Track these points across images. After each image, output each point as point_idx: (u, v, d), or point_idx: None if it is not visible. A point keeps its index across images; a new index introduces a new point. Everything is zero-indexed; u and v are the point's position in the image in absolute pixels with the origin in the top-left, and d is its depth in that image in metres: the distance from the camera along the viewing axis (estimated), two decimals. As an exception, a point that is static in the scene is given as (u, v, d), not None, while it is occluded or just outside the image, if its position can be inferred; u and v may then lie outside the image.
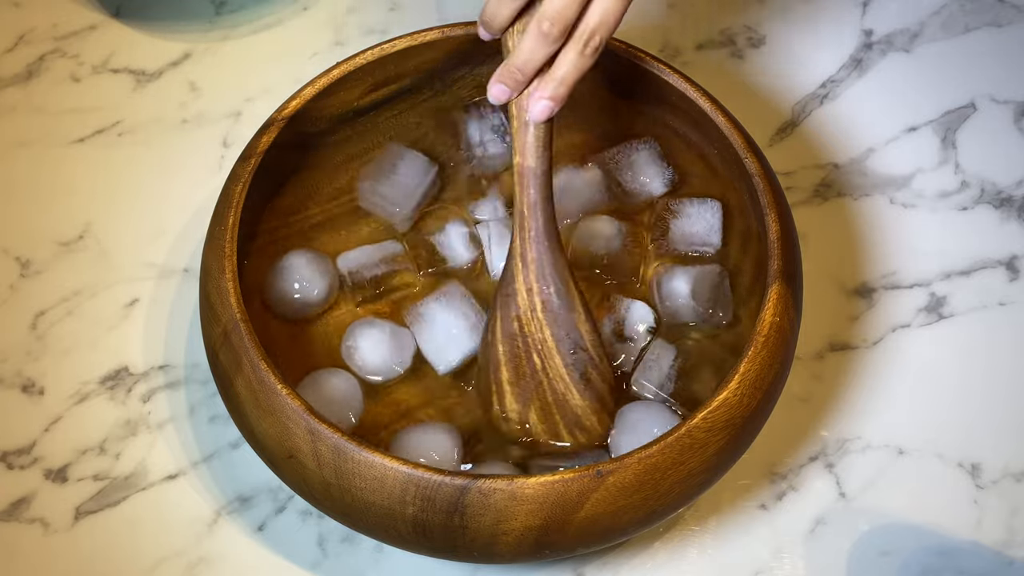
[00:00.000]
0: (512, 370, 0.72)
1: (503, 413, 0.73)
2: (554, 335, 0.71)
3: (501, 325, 0.71)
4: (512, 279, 0.71)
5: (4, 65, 0.95)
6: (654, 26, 0.98)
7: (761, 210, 0.73)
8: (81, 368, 0.82)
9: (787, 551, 0.77)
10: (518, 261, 0.70)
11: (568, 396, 0.72)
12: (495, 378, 0.73)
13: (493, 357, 0.72)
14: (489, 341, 0.72)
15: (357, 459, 0.65)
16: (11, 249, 0.87)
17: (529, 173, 0.69)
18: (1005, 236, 0.88)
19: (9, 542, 0.77)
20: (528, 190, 0.69)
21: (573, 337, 0.71)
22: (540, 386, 0.72)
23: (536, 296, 0.70)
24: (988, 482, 0.79)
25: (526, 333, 0.71)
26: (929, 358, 0.83)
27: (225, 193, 0.74)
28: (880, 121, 0.93)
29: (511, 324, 0.71)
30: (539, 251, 0.70)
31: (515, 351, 0.72)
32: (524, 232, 0.70)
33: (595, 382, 0.72)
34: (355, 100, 0.81)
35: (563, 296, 0.71)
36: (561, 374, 0.71)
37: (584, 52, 0.67)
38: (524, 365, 0.72)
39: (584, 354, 0.72)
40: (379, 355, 0.75)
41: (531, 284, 0.70)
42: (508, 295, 0.71)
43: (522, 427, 0.73)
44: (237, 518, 0.78)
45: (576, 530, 0.65)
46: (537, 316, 0.70)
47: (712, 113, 0.77)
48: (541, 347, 0.71)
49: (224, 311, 0.70)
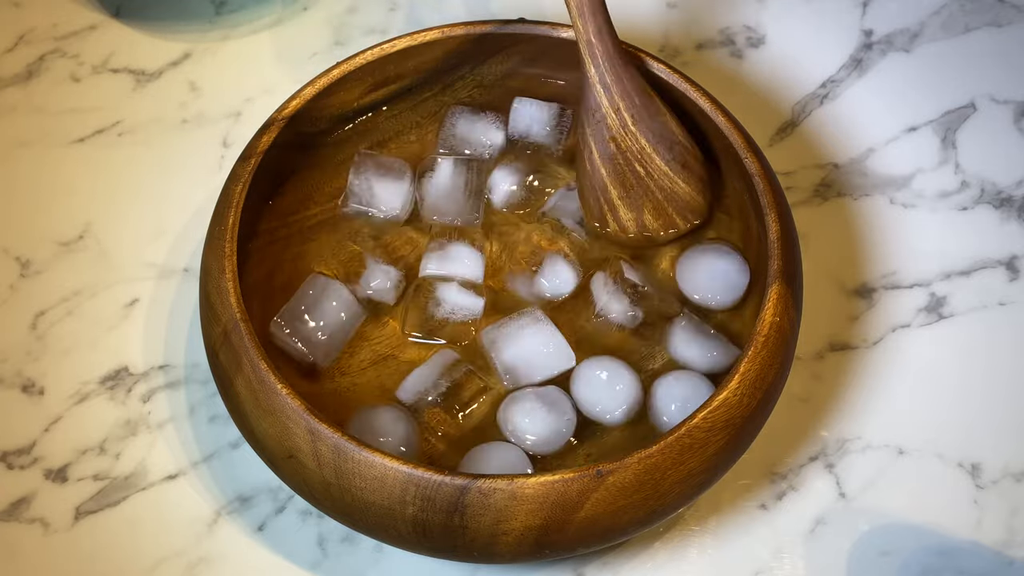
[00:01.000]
0: (619, 186, 0.76)
1: (621, 227, 0.78)
2: (649, 141, 0.75)
3: (598, 150, 0.75)
4: (597, 106, 0.74)
5: (4, 65, 0.95)
6: (654, 26, 0.98)
7: (761, 210, 0.73)
8: (81, 368, 0.82)
9: (787, 551, 0.77)
10: (598, 87, 0.74)
11: (675, 188, 0.77)
12: (605, 199, 0.77)
13: (599, 182, 0.76)
14: (590, 171, 0.76)
15: (357, 459, 0.65)
16: (11, 249, 0.87)
17: (589, 3, 0.72)
18: (1005, 236, 0.88)
19: (9, 542, 0.77)
20: (591, 18, 0.73)
21: (667, 136, 0.76)
22: (648, 190, 0.76)
23: (624, 112, 0.74)
24: (988, 482, 0.79)
25: (624, 149, 0.75)
26: (929, 358, 0.83)
27: (225, 193, 0.75)
28: (880, 121, 0.93)
29: (607, 146, 0.75)
30: (615, 71, 0.74)
31: (618, 168, 0.76)
32: (596, 59, 0.73)
33: (693, 167, 0.77)
34: (355, 100, 0.81)
35: (646, 104, 0.75)
36: (665, 171, 0.76)
37: None
38: (629, 177, 0.76)
39: (679, 147, 0.76)
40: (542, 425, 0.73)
41: (616, 104, 0.74)
42: (598, 121, 0.75)
43: (639, 232, 0.78)
44: (237, 518, 0.78)
45: (576, 530, 0.65)
46: (630, 130, 0.75)
47: (712, 113, 0.77)
48: (641, 156, 0.75)
49: (224, 311, 0.70)
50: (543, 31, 0.80)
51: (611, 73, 0.74)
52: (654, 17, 0.98)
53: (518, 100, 0.83)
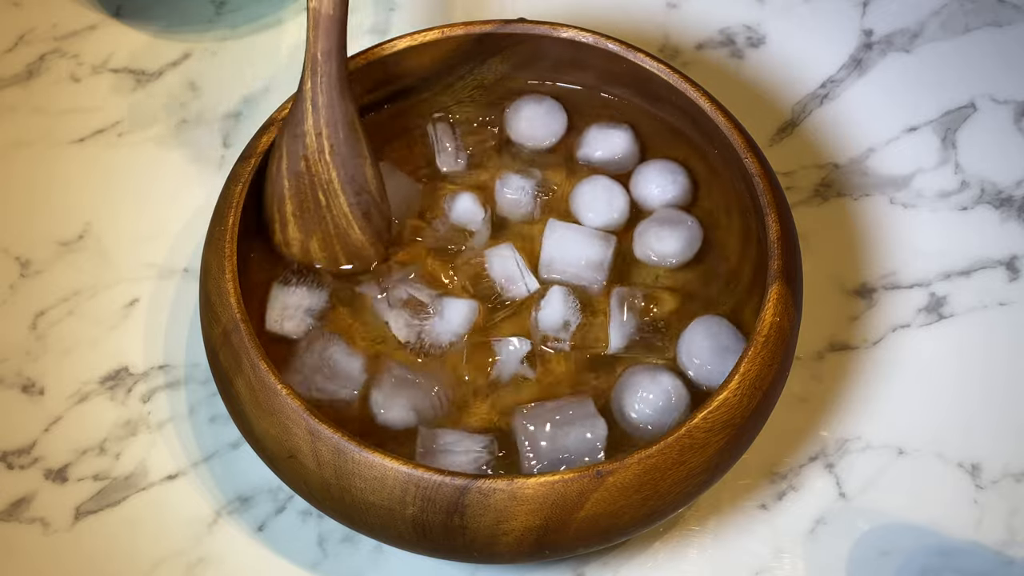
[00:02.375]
0: (297, 204, 0.75)
1: (285, 241, 0.77)
2: (339, 177, 0.74)
3: (288, 162, 0.74)
4: (302, 120, 0.73)
5: (4, 65, 0.95)
6: (654, 26, 0.98)
7: (761, 210, 0.73)
8: (81, 368, 0.82)
9: (787, 551, 0.77)
10: (308, 104, 0.73)
11: (350, 231, 0.76)
12: (279, 209, 0.76)
13: (278, 191, 0.75)
14: (274, 176, 0.75)
15: (357, 459, 0.65)
16: (11, 249, 0.87)
17: (326, 20, 0.71)
18: (1005, 236, 0.88)
19: (9, 542, 0.77)
20: (323, 36, 0.71)
21: (359, 180, 0.75)
22: (324, 221, 0.76)
23: (325, 139, 0.73)
24: (988, 482, 0.79)
25: (313, 172, 0.74)
26: (929, 358, 0.83)
27: (225, 193, 0.74)
28: (880, 121, 0.93)
29: (298, 162, 0.74)
30: (330, 97, 0.73)
31: (301, 187, 0.75)
32: (316, 77, 0.72)
33: (375, 220, 0.77)
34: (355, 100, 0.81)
35: (351, 142, 0.74)
36: (344, 212, 0.75)
37: None
38: (309, 200, 0.75)
39: (367, 196, 0.76)
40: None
41: (320, 128, 0.73)
42: (297, 135, 0.73)
43: (303, 253, 0.77)
44: (237, 518, 0.78)
45: (576, 530, 0.65)
46: (325, 158, 0.74)
47: (712, 113, 0.77)
48: (327, 186, 0.75)
49: (224, 311, 0.70)
50: (543, 31, 0.80)
51: (325, 96, 0.73)
52: (654, 17, 0.98)
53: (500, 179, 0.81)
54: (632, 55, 0.79)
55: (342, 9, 0.71)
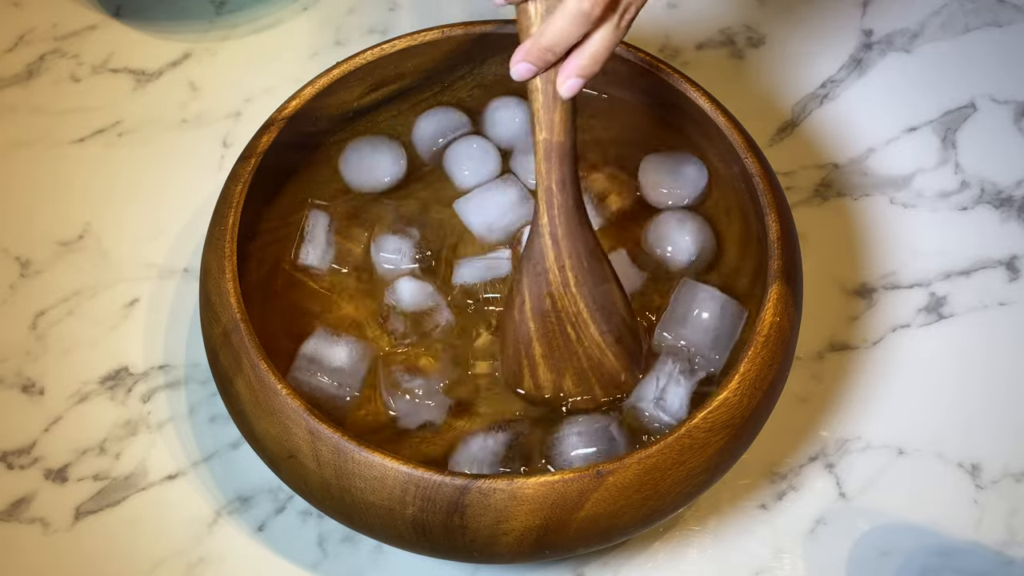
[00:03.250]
0: (545, 344, 0.72)
1: (536, 385, 0.73)
2: (587, 307, 0.70)
3: (531, 303, 0.71)
4: (542, 257, 0.70)
5: (4, 65, 0.95)
6: (654, 26, 0.98)
7: (761, 210, 0.73)
8: (81, 368, 0.82)
9: (787, 551, 0.77)
10: (548, 240, 0.69)
11: (604, 360, 0.72)
12: (527, 354, 0.72)
13: (524, 335, 0.72)
14: (518, 320, 0.72)
15: (357, 459, 0.65)
16: (11, 249, 0.87)
17: (559, 149, 0.67)
18: (1005, 236, 0.88)
19: (9, 542, 0.77)
20: (556, 167, 0.67)
21: (607, 305, 0.71)
22: (575, 355, 0.72)
23: (569, 272, 0.70)
24: (988, 482, 0.79)
25: (559, 308, 0.70)
26: (929, 358, 0.83)
27: (225, 193, 0.74)
28: (880, 121, 0.93)
29: (543, 301, 0.70)
30: (569, 228, 0.69)
31: (548, 326, 0.71)
32: (552, 210, 0.68)
33: (627, 342, 0.73)
34: (355, 100, 0.81)
35: (594, 269, 0.70)
36: (597, 341, 0.71)
37: (619, 26, 0.64)
38: (557, 338, 0.71)
39: (617, 319, 0.72)
40: None
41: (563, 261, 0.69)
42: (539, 273, 0.70)
43: (556, 395, 0.73)
44: (237, 518, 0.78)
45: (576, 530, 0.65)
46: (571, 291, 0.70)
47: (712, 113, 0.77)
48: (575, 320, 0.71)
49: (224, 311, 0.70)
50: (543, 31, 0.80)
51: (564, 227, 0.69)
52: (654, 17, 0.98)
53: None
54: (632, 55, 0.79)
55: (572, 137, 0.67)
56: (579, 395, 0.73)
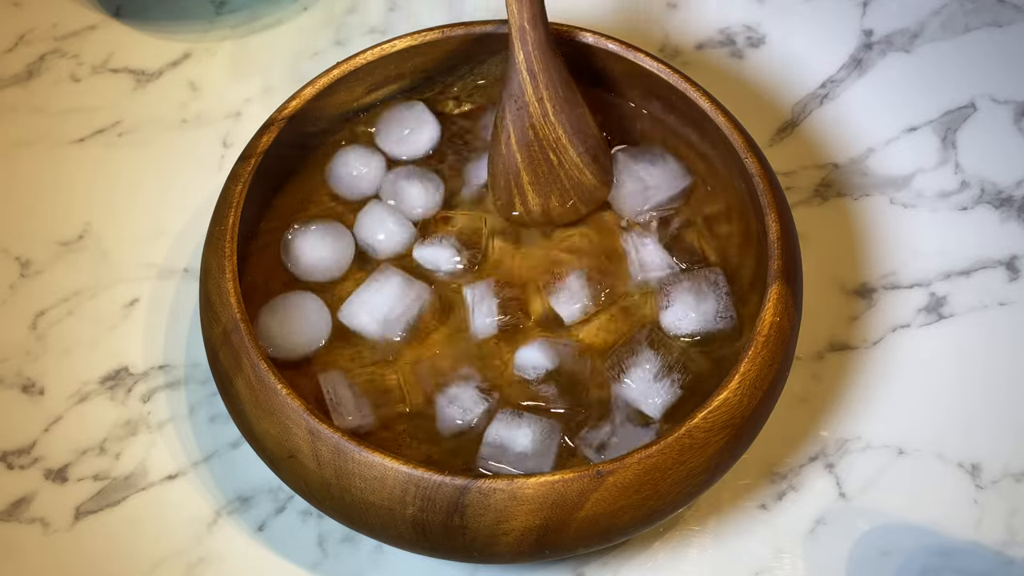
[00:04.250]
0: (531, 172, 0.78)
1: (527, 210, 0.79)
2: (566, 132, 0.77)
3: (516, 136, 0.76)
4: (521, 92, 0.75)
5: (4, 65, 0.95)
6: (654, 26, 0.98)
7: (761, 210, 0.73)
8: (81, 368, 0.82)
9: (787, 551, 0.77)
10: (525, 74, 0.74)
11: (583, 178, 0.79)
12: (516, 183, 0.78)
13: (512, 166, 0.78)
14: (504, 153, 0.77)
15: (357, 459, 0.65)
16: (11, 249, 0.87)
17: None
18: (1005, 236, 0.88)
19: (9, 542, 0.77)
20: (528, 4, 0.73)
21: (583, 128, 0.78)
22: (558, 178, 0.78)
23: (547, 102, 0.75)
24: (988, 482, 0.79)
25: (541, 137, 0.76)
26: (929, 358, 0.83)
27: (225, 193, 0.75)
28: (880, 121, 0.93)
29: (526, 133, 0.76)
30: (545, 60, 0.74)
31: (532, 155, 0.77)
32: (527, 46, 0.74)
33: (602, 160, 0.79)
34: (355, 100, 0.81)
35: (570, 97, 0.76)
36: (576, 163, 0.78)
37: None
38: (542, 165, 0.77)
39: (592, 139, 0.78)
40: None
41: (540, 93, 0.75)
42: (520, 107, 0.75)
43: (545, 216, 0.80)
44: (237, 518, 0.78)
45: (576, 530, 0.65)
46: (550, 120, 0.76)
47: (712, 113, 0.77)
48: (556, 145, 0.77)
49: (224, 311, 0.70)
50: (543, 31, 0.80)
51: (539, 62, 0.74)
52: (654, 17, 0.98)
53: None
54: (632, 55, 0.79)
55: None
56: (564, 214, 0.80)
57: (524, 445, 0.71)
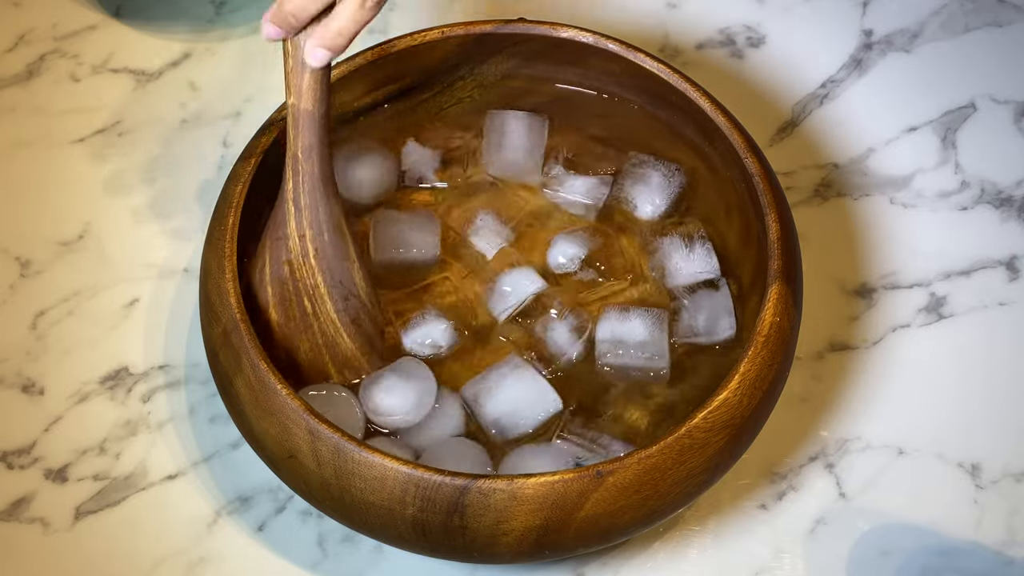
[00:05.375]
0: (281, 312, 0.72)
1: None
2: (326, 281, 0.71)
3: (270, 268, 0.71)
4: (284, 223, 0.70)
5: (4, 65, 0.95)
6: (654, 26, 0.98)
7: (761, 210, 0.73)
8: (81, 368, 0.82)
9: (787, 551, 0.77)
10: (291, 206, 0.70)
11: (338, 339, 0.73)
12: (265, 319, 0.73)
13: (261, 300, 0.72)
14: (256, 284, 0.72)
15: (357, 459, 0.65)
16: (11, 249, 0.87)
17: (306, 116, 0.67)
18: (1005, 236, 0.88)
19: (9, 542, 0.77)
20: (303, 133, 0.68)
21: (346, 284, 0.72)
22: (310, 328, 0.72)
23: (308, 242, 0.70)
24: (988, 482, 0.79)
25: (297, 278, 0.71)
26: (929, 358, 0.83)
27: (225, 193, 0.74)
28: (880, 121, 0.93)
29: (281, 268, 0.71)
30: (313, 197, 0.70)
31: (285, 294, 0.72)
32: (298, 177, 0.69)
33: (366, 326, 0.73)
34: (355, 100, 0.81)
35: (336, 244, 0.71)
36: (332, 318, 0.72)
37: (364, 5, 0.64)
38: (294, 308, 0.72)
39: (356, 300, 0.73)
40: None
41: (303, 230, 0.70)
42: (279, 239, 0.71)
43: (290, 365, 0.73)
44: (237, 518, 0.78)
45: (576, 530, 0.65)
46: (309, 262, 0.71)
47: (712, 113, 0.77)
48: (312, 292, 0.71)
49: (224, 311, 0.70)
50: (543, 31, 0.80)
51: (308, 196, 0.70)
52: (654, 17, 0.98)
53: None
54: (632, 55, 0.79)
55: (323, 105, 0.67)
56: (311, 371, 0.73)
57: (640, 334, 0.73)
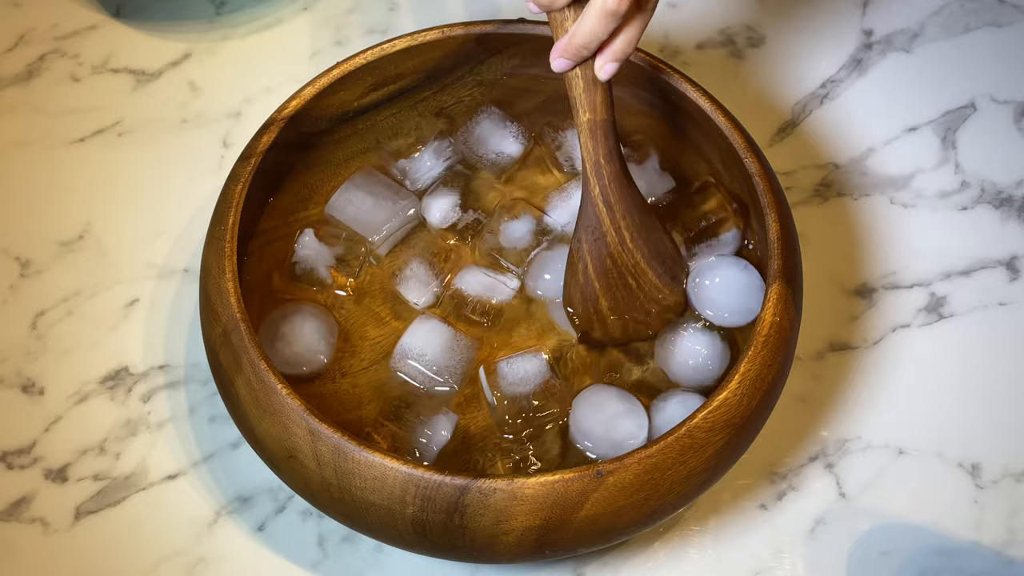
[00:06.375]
0: (610, 298, 0.77)
1: (606, 333, 0.79)
2: (644, 257, 0.77)
3: (593, 266, 0.76)
4: (598, 224, 0.75)
5: (4, 65, 0.95)
6: (654, 26, 0.98)
7: (761, 210, 0.73)
8: (81, 368, 0.82)
9: (787, 551, 0.77)
10: (602, 207, 0.74)
11: (660, 296, 0.78)
12: (595, 309, 0.78)
13: (591, 294, 0.78)
14: (582, 282, 0.78)
15: (357, 459, 0.65)
16: (11, 249, 0.87)
17: (603, 126, 0.72)
18: (1005, 236, 0.88)
19: (9, 542, 0.77)
20: (603, 141, 0.73)
21: (661, 250, 0.77)
22: (637, 300, 0.78)
23: (624, 231, 0.75)
24: (988, 482, 0.79)
25: (619, 264, 0.76)
26: (929, 358, 0.83)
27: (225, 193, 0.75)
28: (880, 121, 0.93)
29: (604, 262, 0.76)
30: (621, 191, 0.74)
31: (611, 283, 0.77)
32: (603, 180, 0.74)
33: (679, 276, 0.79)
34: (355, 100, 0.81)
35: (647, 223, 0.76)
36: (656, 284, 0.78)
37: (646, 9, 0.69)
38: (620, 290, 0.77)
39: (670, 261, 0.78)
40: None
41: (618, 223, 0.75)
42: (597, 239, 0.75)
43: (624, 335, 0.79)
44: (237, 518, 0.78)
45: (576, 530, 0.65)
46: (628, 247, 0.76)
47: (712, 113, 0.77)
48: (635, 270, 0.77)
49: (224, 311, 0.70)
50: (543, 31, 0.80)
51: (615, 193, 0.74)
52: (654, 17, 0.98)
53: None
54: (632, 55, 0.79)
55: (612, 112, 0.72)
56: (644, 330, 0.79)
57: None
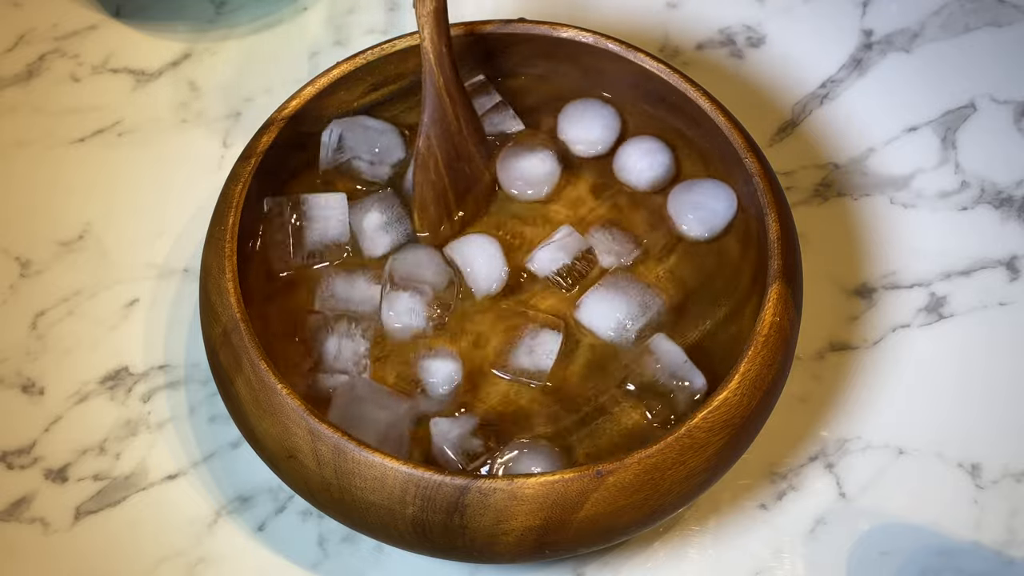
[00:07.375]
0: (454, 189, 0.80)
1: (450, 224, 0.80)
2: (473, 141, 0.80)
3: (443, 159, 0.79)
4: (443, 115, 0.77)
5: (4, 65, 0.95)
6: (654, 26, 0.98)
7: (761, 210, 0.73)
8: (81, 368, 0.82)
9: (787, 551, 0.77)
10: (446, 97, 0.77)
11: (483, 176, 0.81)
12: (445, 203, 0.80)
13: (441, 189, 0.79)
14: (433, 179, 0.79)
15: (357, 459, 0.65)
16: (11, 249, 0.87)
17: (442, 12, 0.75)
18: (1005, 236, 0.88)
19: (9, 542, 0.77)
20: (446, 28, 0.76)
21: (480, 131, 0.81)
22: (470, 186, 0.81)
23: (461, 120, 0.79)
24: (988, 482, 0.79)
25: (460, 153, 0.79)
26: (929, 358, 0.83)
27: (225, 193, 0.75)
28: (880, 121, 0.93)
29: (450, 153, 0.79)
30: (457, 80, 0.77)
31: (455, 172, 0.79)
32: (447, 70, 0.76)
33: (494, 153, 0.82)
34: (355, 100, 0.81)
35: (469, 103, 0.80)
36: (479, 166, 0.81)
37: None
38: (462, 179, 0.80)
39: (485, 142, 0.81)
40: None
41: (458, 111, 0.78)
42: (445, 130, 0.78)
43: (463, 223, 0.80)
44: (237, 518, 0.78)
45: (576, 530, 0.65)
46: (462, 135, 0.79)
47: (712, 113, 0.77)
48: (468, 156, 0.80)
49: (224, 311, 0.70)
50: (543, 31, 0.80)
51: (454, 82, 0.76)
52: (654, 17, 0.98)
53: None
54: (632, 55, 0.79)
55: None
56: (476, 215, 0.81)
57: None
